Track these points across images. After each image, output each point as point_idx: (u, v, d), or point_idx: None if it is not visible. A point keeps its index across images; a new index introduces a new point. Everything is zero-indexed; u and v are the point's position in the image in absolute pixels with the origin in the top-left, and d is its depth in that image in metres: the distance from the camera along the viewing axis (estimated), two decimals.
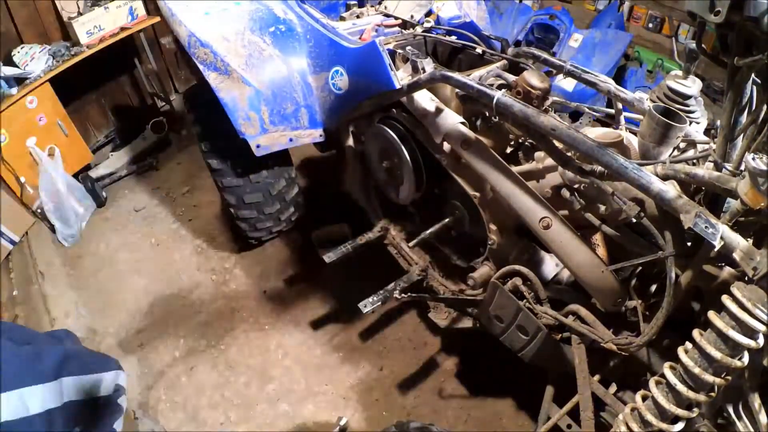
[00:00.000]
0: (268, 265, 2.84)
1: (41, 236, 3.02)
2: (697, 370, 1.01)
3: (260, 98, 2.08)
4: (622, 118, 1.77)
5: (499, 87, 1.67)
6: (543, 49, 3.81)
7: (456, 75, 1.59)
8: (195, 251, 2.95)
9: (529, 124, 1.40)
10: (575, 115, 3.22)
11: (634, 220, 1.30)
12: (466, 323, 2.05)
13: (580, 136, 1.30)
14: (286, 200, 2.54)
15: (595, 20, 4.15)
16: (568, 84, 3.44)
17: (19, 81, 2.86)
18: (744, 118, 1.13)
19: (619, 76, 3.85)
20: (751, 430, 1.20)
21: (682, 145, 1.47)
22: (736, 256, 1.03)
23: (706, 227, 1.06)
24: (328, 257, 2.20)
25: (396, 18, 2.30)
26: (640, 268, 1.57)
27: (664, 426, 1.08)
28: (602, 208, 1.50)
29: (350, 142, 2.36)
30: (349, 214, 2.68)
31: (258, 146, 2.10)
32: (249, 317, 2.57)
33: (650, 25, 4.07)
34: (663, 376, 1.09)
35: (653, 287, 1.57)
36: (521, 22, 4.05)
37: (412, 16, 2.29)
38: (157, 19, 3.43)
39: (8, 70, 2.78)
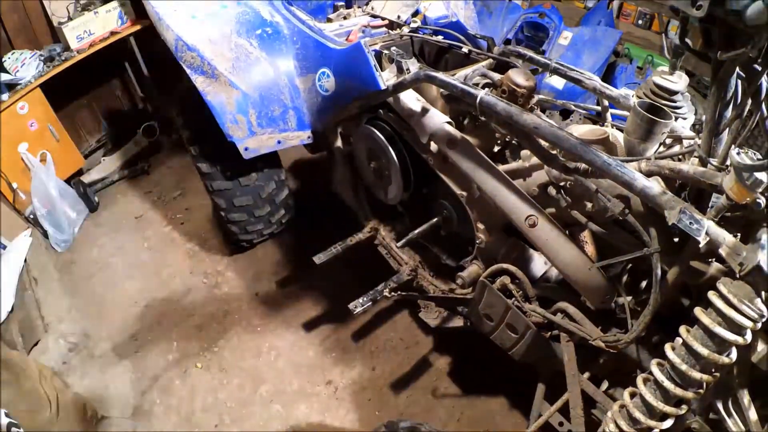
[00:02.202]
0: (260, 267, 2.83)
1: (34, 242, 3.00)
2: (684, 367, 1.01)
3: (248, 101, 2.07)
4: (608, 115, 1.77)
5: (485, 86, 1.66)
6: (533, 47, 3.82)
7: (440, 75, 1.58)
8: (187, 255, 2.94)
9: (512, 122, 1.39)
10: (566, 113, 3.23)
11: (620, 217, 1.30)
12: (457, 322, 2.04)
13: (563, 133, 1.29)
14: (276, 203, 2.53)
15: (584, 18, 4.15)
16: (558, 82, 3.43)
17: (10, 87, 2.83)
18: (729, 113, 1.12)
19: (609, 73, 3.84)
20: (741, 426, 1.20)
21: (669, 141, 1.46)
22: (723, 251, 1.02)
23: (690, 223, 1.05)
24: (318, 258, 2.20)
25: (383, 19, 2.29)
26: (630, 264, 1.57)
27: (652, 423, 1.08)
28: (588, 205, 1.50)
29: (338, 143, 2.35)
30: (338, 215, 2.68)
31: (246, 149, 2.09)
32: (241, 320, 2.56)
33: (640, 22, 4.08)
34: (651, 373, 1.08)
35: (643, 284, 1.56)
36: (511, 20, 4.04)
37: (398, 17, 2.28)
38: (147, 23, 3.42)
39: None
